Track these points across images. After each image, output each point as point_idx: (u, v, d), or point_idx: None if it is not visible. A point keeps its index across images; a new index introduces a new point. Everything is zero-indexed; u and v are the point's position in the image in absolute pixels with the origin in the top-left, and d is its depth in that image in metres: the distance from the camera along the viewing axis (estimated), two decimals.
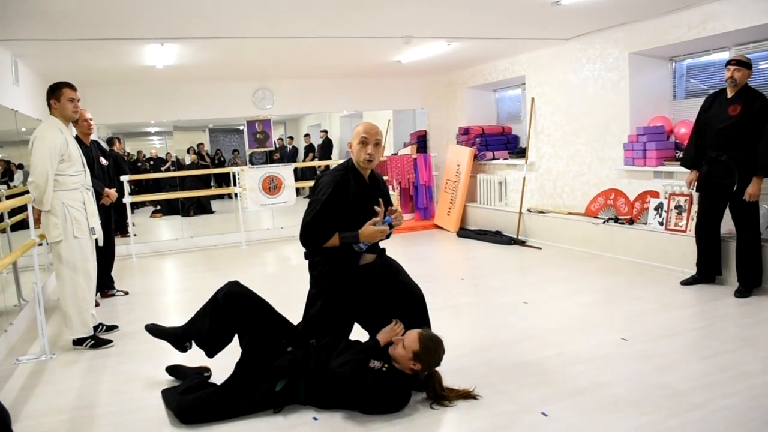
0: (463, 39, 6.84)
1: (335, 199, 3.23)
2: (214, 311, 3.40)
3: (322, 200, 3.23)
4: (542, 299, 5.08)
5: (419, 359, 3.09)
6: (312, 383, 3.12)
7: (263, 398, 3.10)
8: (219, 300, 3.39)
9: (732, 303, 4.71)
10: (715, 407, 2.94)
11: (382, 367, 3.10)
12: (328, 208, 3.22)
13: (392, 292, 3.41)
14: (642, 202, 6.32)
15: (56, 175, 4.07)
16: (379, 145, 3.29)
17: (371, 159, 3.27)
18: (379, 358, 3.14)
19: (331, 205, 3.23)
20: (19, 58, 6.12)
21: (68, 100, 4.21)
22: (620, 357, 3.69)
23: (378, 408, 3.04)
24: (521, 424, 2.87)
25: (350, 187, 3.28)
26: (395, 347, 3.16)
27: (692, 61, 6.36)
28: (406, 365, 3.12)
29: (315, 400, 3.13)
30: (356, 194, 3.29)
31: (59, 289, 4.26)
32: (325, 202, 3.23)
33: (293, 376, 3.14)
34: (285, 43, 6.34)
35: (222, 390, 3.16)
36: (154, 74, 7.79)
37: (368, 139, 3.26)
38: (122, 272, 6.96)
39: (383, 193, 3.48)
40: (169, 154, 12.20)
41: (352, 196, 3.28)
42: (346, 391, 3.04)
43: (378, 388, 3.02)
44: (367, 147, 3.25)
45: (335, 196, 3.24)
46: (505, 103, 9.57)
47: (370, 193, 3.35)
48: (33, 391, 3.60)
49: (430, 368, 3.16)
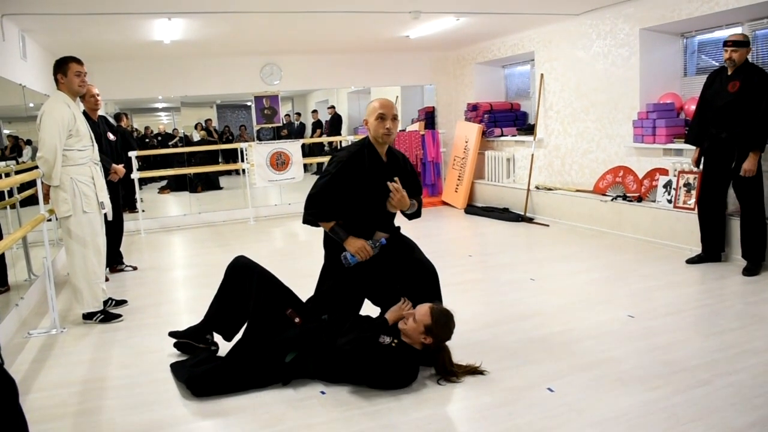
0: (472, 14, 6.77)
1: (346, 172, 3.24)
2: (222, 287, 3.46)
3: (332, 172, 3.24)
4: (549, 276, 5.09)
5: (430, 333, 3.09)
6: (321, 358, 3.14)
7: (272, 370, 3.13)
8: (226, 275, 3.44)
9: (739, 281, 4.71)
10: (721, 384, 2.95)
11: (392, 342, 3.11)
12: (338, 181, 3.23)
13: (405, 269, 3.40)
14: (651, 180, 6.28)
15: (64, 150, 4.07)
16: (396, 119, 3.26)
17: (389, 133, 3.25)
18: (388, 334, 3.16)
19: (342, 178, 3.23)
20: (26, 32, 6.10)
21: (75, 74, 4.20)
22: (627, 334, 3.70)
23: (386, 383, 3.06)
24: (528, 400, 2.89)
25: (365, 162, 3.27)
26: (405, 321, 3.17)
27: (704, 37, 6.28)
28: (416, 339, 3.12)
29: (323, 375, 3.16)
30: (370, 170, 3.27)
31: (69, 263, 4.29)
32: (335, 174, 3.24)
33: (303, 349, 3.15)
34: (293, 18, 6.29)
35: (230, 360, 3.20)
36: (161, 49, 7.76)
37: (386, 114, 3.23)
38: (131, 248, 7.00)
39: (403, 170, 3.43)
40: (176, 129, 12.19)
41: (365, 171, 3.26)
42: (353, 367, 3.06)
43: (387, 362, 3.04)
44: (385, 122, 3.23)
45: (347, 169, 3.24)
46: (514, 79, 9.49)
47: (386, 171, 3.32)
48: (44, 364, 3.65)
49: (441, 342, 3.16)
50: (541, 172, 8.06)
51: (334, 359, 3.10)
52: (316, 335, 3.19)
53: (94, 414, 2.98)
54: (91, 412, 3.01)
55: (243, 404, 2.97)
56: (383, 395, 3.00)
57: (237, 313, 3.43)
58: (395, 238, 3.45)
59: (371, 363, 3.03)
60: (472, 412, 2.84)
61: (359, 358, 3.03)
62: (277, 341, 3.19)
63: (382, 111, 3.23)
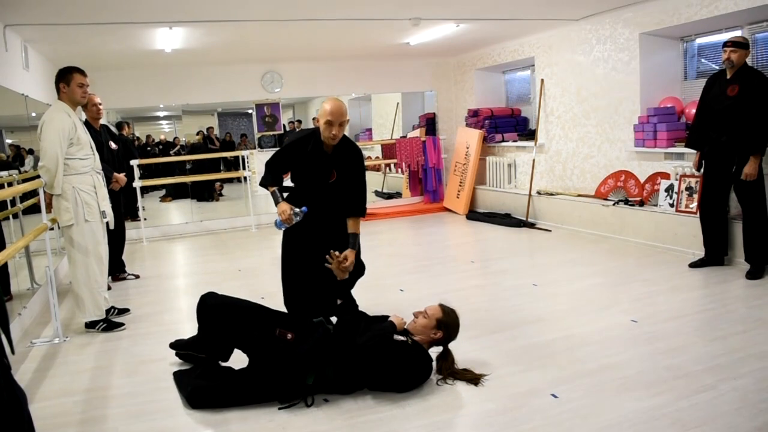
0: (472, 20, 6.78)
1: (290, 151, 3.76)
2: (204, 327, 3.42)
3: (280, 149, 3.86)
4: (552, 281, 5.08)
5: (442, 326, 3.22)
6: (341, 366, 3.10)
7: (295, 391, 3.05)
8: (200, 315, 3.41)
9: (742, 284, 4.70)
10: (725, 388, 2.94)
11: (407, 340, 3.17)
12: (282, 157, 3.79)
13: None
14: (652, 184, 6.28)
15: (66, 159, 4.08)
16: (342, 125, 3.55)
17: (334, 138, 3.56)
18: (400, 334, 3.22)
19: (285, 156, 3.77)
20: (29, 43, 6.12)
21: (78, 85, 4.21)
22: (630, 339, 3.69)
23: (405, 380, 3.09)
24: (531, 406, 2.88)
25: (308, 148, 3.66)
26: (415, 320, 3.28)
27: (703, 40, 6.29)
28: (426, 335, 3.22)
29: (343, 382, 3.10)
30: (310, 155, 3.67)
31: (71, 272, 4.29)
32: (280, 151, 3.84)
33: (320, 365, 3.09)
34: (293, 25, 6.31)
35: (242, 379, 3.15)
36: (162, 58, 7.78)
37: (333, 121, 3.49)
38: (133, 256, 7.01)
39: (345, 165, 3.71)
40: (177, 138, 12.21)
41: (306, 156, 3.67)
42: (375, 367, 3.06)
43: (405, 359, 3.09)
44: (332, 128, 3.51)
45: (291, 149, 3.76)
46: (515, 84, 9.50)
47: (326, 160, 3.67)
48: (47, 373, 3.65)
49: (450, 338, 3.26)
50: (543, 177, 8.06)
51: (354, 360, 3.08)
52: (326, 345, 3.16)
53: (97, 423, 2.97)
54: (94, 421, 3.00)
55: (246, 413, 2.97)
56: (386, 403, 2.99)
57: (222, 344, 3.38)
58: (343, 236, 3.71)
59: (391, 359, 3.05)
60: (476, 419, 2.83)
61: (380, 355, 3.05)
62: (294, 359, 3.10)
63: (330, 118, 3.48)
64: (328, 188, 3.72)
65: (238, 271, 5.98)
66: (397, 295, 4.92)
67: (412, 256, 6.55)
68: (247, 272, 5.86)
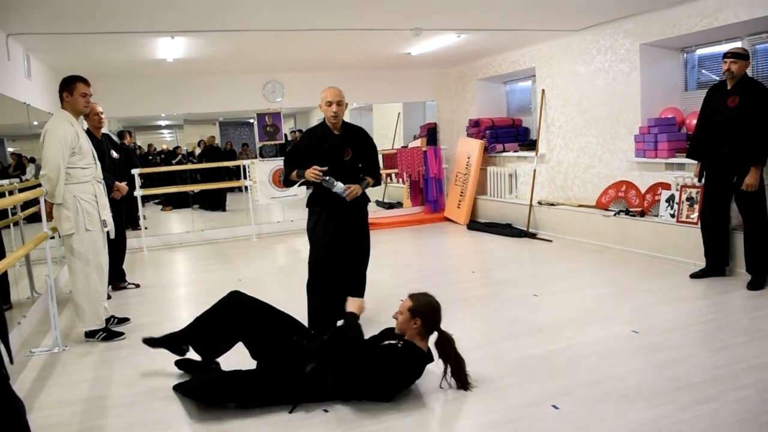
0: (473, 31, 6.81)
1: (304, 142, 4.22)
2: (217, 317, 3.45)
3: (295, 142, 4.27)
4: (553, 292, 5.07)
5: (416, 313, 3.16)
6: (339, 372, 3.11)
7: (291, 380, 3.09)
8: (221, 307, 3.46)
9: (743, 295, 4.69)
10: (727, 400, 2.93)
11: (398, 343, 3.17)
12: (297, 147, 4.28)
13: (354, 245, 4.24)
14: (653, 194, 6.28)
15: (68, 168, 4.09)
16: (341, 104, 4.09)
17: (336, 115, 4.10)
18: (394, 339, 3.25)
19: (300, 146, 4.23)
20: (30, 52, 6.15)
21: (81, 94, 4.23)
22: (631, 349, 3.67)
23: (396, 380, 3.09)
24: (533, 417, 2.87)
25: (317, 135, 4.18)
26: (397, 321, 3.25)
27: (704, 51, 6.30)
28: (410, 329, 3.18)
29: (341, 386, 3.11)
30: (322, 139, 4.15)
31: (72, 281, 4.29)
32: (296, 144, 4.40)
33: (322, 361, 3.13)
34: (295, 35, 6.34)
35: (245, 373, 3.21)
36: (164, 67, 7.81)
37: (332, 101, 4.08)
38: (133, 265, 7.00)
39: (355, 142, 4.23)
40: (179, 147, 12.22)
41: (318, 140, 4.15)
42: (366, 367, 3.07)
43: (394, 360, 3.08)
44: (332, 107, 4.08)
45: (304, 140, 4.23)
46: (516, 95, 9.52)
47: (336, 140, 4.16)
48: (46, 382, 3.64)
49: (431, 320, 3.20)
50: (544, 187, 8.06)
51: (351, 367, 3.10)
52: (334, 347, 3.18)
53: None
54: (92, 431, 2.99)
55: (246, 424, 2.95)
56: (387, 413, 2.97)
57: (225, 343, 3.44)
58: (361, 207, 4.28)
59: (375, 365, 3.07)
60: (477, 430, 2.82)
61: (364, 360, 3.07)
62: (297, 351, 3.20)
63: (330, 99, 4.08)
64: (345, 165, 4.16)
65: (238, 281, 5.96)
66: (398, 304, 4.90)
67: (413, 266, 6.54)
68: (247, 282, 5.84)
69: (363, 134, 4.33)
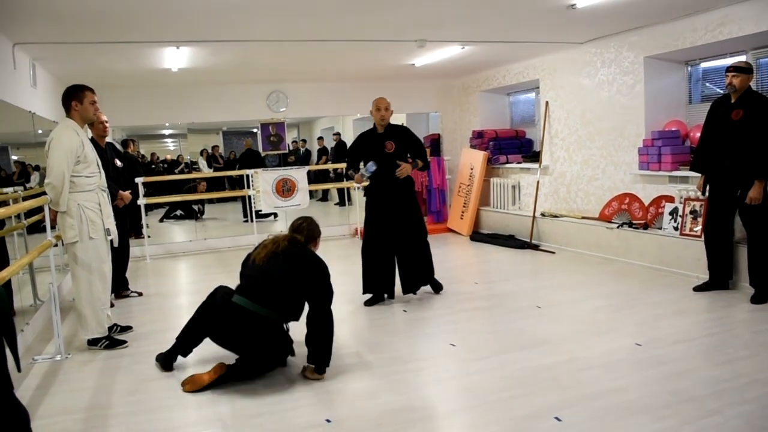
0: (478, 42, 6.84)
1: (357, 141, 5.38)
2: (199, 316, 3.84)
3: (351, 144, 5.55)
4: (556, 304, 5.06)
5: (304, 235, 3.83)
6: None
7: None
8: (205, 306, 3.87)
9: (747, 309, 4.67)
10: (731, 414, 2.91)
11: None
12: (353, 147, 5.47)
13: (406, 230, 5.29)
14: (657, 207, 6.28)
15: (72, 176, 4.09)
16: (387, 110, 5.16)
17: (382, 118, 5.16)
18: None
19: (354, 145, 5.42)
20: (36, 61, 6.19)
21: (90, 102, 4.26)
22: (634, 362, 3.66)
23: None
24: (535, 429, 2.85)
25: (366, 135, 5.30)
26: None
27: (708, 64, 6.32)
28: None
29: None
30: (367, 139, 5.27)
31: (75, 289, 4.29)
32: (351, 145, 5.55)
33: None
34: (299, 46, 6.37)
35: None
36: (169, 77, 7.85)
37: (380, 107, 5.15)
38: (136, 273, 7.01)
39: (397, 137, 5.19)
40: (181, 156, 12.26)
41: (366, 138, 5.28)
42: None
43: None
44: (380, 112, 5.15)
45: (357, 140, 5.39)
46: (519, 106, 9.55)
47: (380, 137, 5.19)
48: (48, 390, 3.63)
49: (311, 234, 3.87)
50: (547, 199, 8.06)
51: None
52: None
53: None
54: None
55: None
56: (386, 428, 2.96)
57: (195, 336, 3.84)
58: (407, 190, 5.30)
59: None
60: None
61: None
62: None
63: (378, 105, 5.16)
64: (388, 156, 5.11)
65: None
66: (401, 315, 4.91)
67: None
68: None
69: (404, 130, 5.33)
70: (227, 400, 3.34)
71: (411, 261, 5.29)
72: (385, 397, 3.30)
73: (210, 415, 3.19)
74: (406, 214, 5.23)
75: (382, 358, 3.91)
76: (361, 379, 3.61)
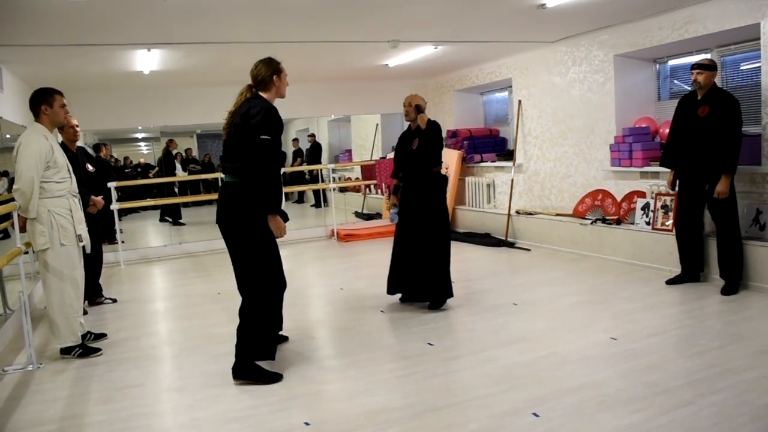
0: (450, 42, 6.87)
1: (400, 140, 5.33)
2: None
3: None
4: (532, 301, 5.10)
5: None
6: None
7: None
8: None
9: (718, 300, 4.76)
10: (704, 403, 2.96)
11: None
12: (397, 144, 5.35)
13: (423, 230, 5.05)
14: (629, 203, 6.36)
15: (42, 182, 4.02)
16: (411, 105, 5.12)
17: (407, 113, 5.18)
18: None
19: (398, 142, 5.33)
20: (3, 64, 6.08)
21: (60, 106, 4.19)
22: (610, 356, 3.71)
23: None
24: (513, 426, 2.87)
25: (403, 135, 5.30)
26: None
27: (675, 62, 6.43)
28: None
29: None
30: (402, 138, 5.29)
31: (46, 297, 4.22)
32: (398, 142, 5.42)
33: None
34: (272, 47, 6.31)
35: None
36: (141, 80, 7.76)
37: (404, 104, 5.18)
38: (110, 280, 6.91)
39: (422, 135, 5.06)
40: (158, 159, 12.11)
41: (401, 139, 5.29)
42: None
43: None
44: (404, 108, 5.20)
45: (400, 138, 5.34)
46: (493, 105, 9.61)
47: (412, 134, 5.19)
48: (20, 401, 3.56)
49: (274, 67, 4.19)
50: (521, 197, 8.13)
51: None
52: None
53: None
54: None
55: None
56: (369, 428, 2.96)
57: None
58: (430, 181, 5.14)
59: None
60: None
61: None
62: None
63: (404, 102, 5.20)
64: (413, 153, 5.10)
65: (217, 294, 5.92)
66: (378, 315, 4.91)
67: None
68: (226, 295, 5.80)
69: (428, 128, 5.09)
70: (205, 405, 3.31)
71: (415, 267, 5.01)
72: (363, 398, 3.29)
73: (187, 420, 3.16)
74: (422, 217, 5.00)
75: (359, 359, 3.91)
76: (339, 380, 3.61)
